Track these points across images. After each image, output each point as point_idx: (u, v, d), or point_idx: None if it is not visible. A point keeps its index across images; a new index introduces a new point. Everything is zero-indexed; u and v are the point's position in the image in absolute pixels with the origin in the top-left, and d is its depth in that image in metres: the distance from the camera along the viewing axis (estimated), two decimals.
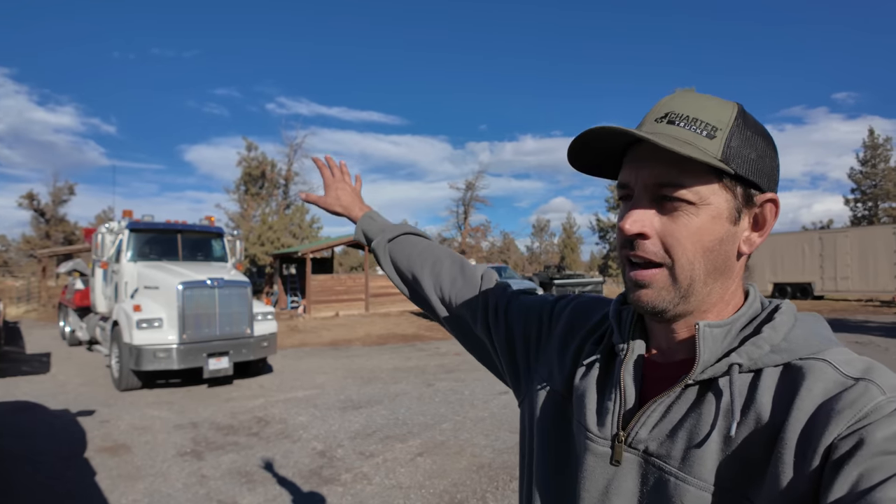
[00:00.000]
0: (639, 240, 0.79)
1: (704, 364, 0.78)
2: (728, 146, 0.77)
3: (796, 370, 0.74)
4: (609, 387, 0.90)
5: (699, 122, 0.78)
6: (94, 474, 5.45)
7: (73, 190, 46.00)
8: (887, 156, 46.11)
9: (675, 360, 0.86)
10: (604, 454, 0.85)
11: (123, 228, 10.70)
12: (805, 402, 0.69)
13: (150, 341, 8.85)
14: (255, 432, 6.81)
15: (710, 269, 0.80)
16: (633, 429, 0.83)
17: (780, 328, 0.78)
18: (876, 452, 0.62)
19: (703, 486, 0.73)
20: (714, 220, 0.78)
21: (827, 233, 27.86)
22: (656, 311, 0.81)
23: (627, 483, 0.82)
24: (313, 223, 38.07)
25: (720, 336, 0.79)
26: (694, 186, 0.77)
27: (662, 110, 0.81)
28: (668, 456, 0.77)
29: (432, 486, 5.04)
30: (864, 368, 0.71)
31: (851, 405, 0.66)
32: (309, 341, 16.08)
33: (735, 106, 0.81)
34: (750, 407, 0.73)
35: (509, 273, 20.53)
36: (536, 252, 68.83)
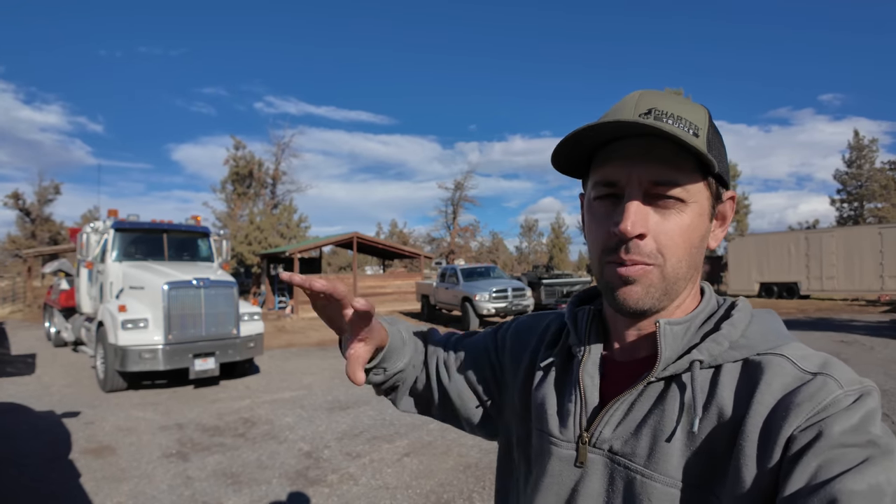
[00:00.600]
0: (635, 240, 0.77)
1: (666, 361, 0.79)
2: (710, 145, 0.79)
3: (755, 365, 0.75)
4: (568, 389, 0.90)
5: (684, 120, 0.78)
6: (78, 476, 5.40)
7: (59, 189, 45.62)
8: (872, 157, 46.54)
9: (636, 357, 0.87)
10: (568, 457, 0.85)
11: (108, 228, 10.59)
12: (765, 397, 0.70)
13: (135, 342, 8.78)
14: (241, 433, 6.78)
15: (691, 266, 0.81)
16: (597, 428, 0.82)
17: (739, 325, 0.79)
18: (834, 445, 0.63)
19: (669, 483, 0.73)
20: (699, 218, 0.80)
21: (813, 233, 28.05)
22: (643, 309, 0.80)
23: (594, 484, 0.81)
24: (301, 223, 37.97)
25: (681, 333, 0.80)
26: (686, 184, 0.77)
27: (644, 106, 0.79)
28: (634, 454, 0.77)
29: (419, 487, 5.03)
30: (820, 363, 0.73)
31: (810, 398, 0.67)
32: (296, 342, 16.03)
33: (705, 108, 0.83)
34: (712, 402, 0.74)
35: (498, 273, 20.48)
36: (525, 252, 68.96)
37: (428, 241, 50.93)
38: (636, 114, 0.79)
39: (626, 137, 0.79)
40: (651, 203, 0.78)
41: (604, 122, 0.74)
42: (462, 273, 19.40)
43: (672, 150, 0.75)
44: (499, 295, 17.53)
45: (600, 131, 0.77)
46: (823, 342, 12.17)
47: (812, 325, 15.54)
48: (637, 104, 0.80)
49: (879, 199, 45.47)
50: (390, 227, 63.00)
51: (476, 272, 19.86)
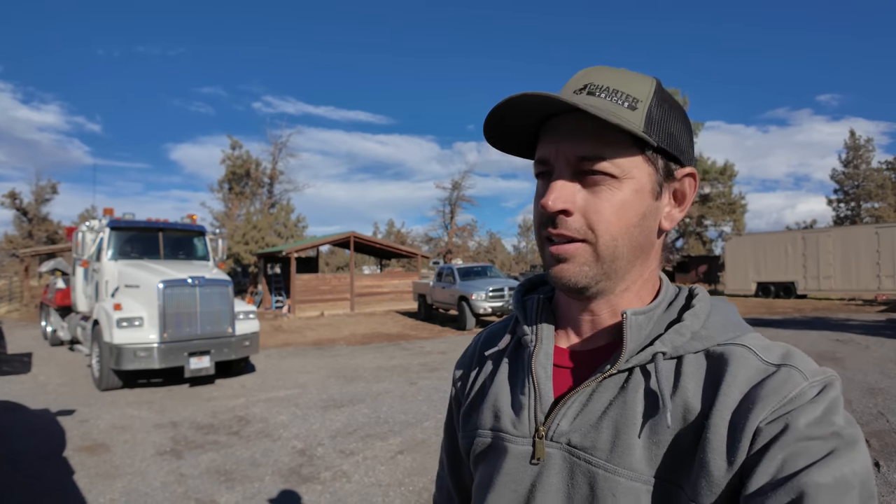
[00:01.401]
0: (561, 216, 0.76)
1: (630, 353, 0.76)
2: (650, 118, 0.75)
3: (718, 357, 0.74)
4: (520, 382, 0.87)
5: (620, 93, 0.76)
6: (72, 473, 5.40)
7: (56, 189, 45.56)
8: (869, 157, 46.67)
9: (592, 347, 0.84)
10: (524, 453, 0.81)
11: (104, 227, 10.58)
12: (731, 389, 0.69)
13: (130, 340, 8.77)
14: (235, 431, 6.78)
15: (633, 246, 0.78)
16: (553, 421, 0.79)
17: (700, 315, 0.78)
18: (799, 437, 0.63)
19: (633, 477, 0.72)
20: (637, 195, 0.77)
21: (810, 232, 28.09)
22: (578, 287, 0.78)
23: (552, 480, 0.78)
24: (298, 222, 37.96)
25: (644, 323, 0.78)
26: (616, 159, 0.75)
27: (581, 82, 0.78)
28: (595, 447, 0.75)
29: (412, 484, 5.03)
30: (782, 354, 0.72)
31: (776, 391, 0.67)
32: (293, 341, 16.02)
33: (653, 80, 0.80)
34: (676, 395, 0.73)
35: (494, 272, 20.48)
36: (523, 252, 69.04)
37: (425, 240, 50.93)
38: (573, 90, 0.78)
39: (559, 114, 0.78)
40: (580, 179, 0.76)
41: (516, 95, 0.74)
42: (459, 272, 19.39)
43: (600, 124, 0.72)
44: (495, 294, 17.53)
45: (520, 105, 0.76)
46: (820, 341, 12.20)
47: (808, 324, 15.54)
48: (578, 80, 0.79)
49: (876, 198, 45.60)
50: (387, 227, 63.00)
51: (473, 271, 19.85)
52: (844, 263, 25.77)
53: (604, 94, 0.76)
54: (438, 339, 15.87)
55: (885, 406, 6.71)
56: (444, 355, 12.60)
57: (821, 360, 0.85)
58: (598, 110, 0.71)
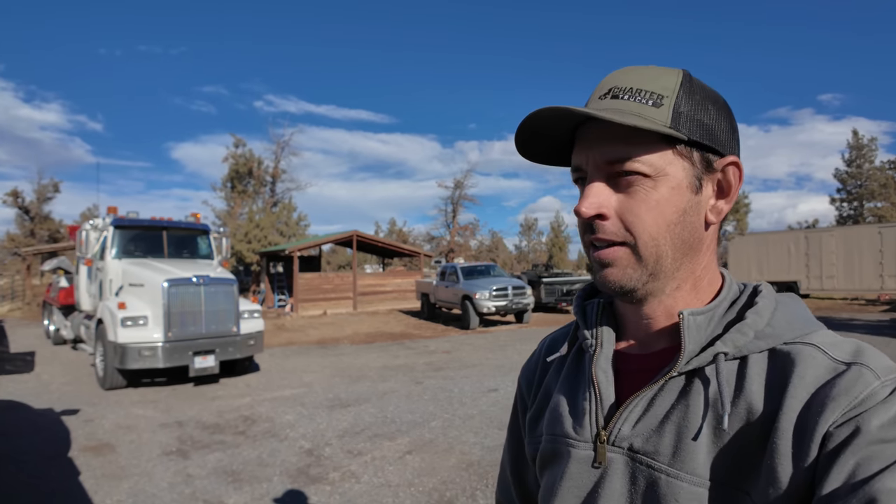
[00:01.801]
0: (597, 221, 0.76)
1: (689, 354, 0.74)
2: (677, 112, 0.74)
3: (784, 356, 0.71)
4: (582, 387, 0.86)
5: (643, 92, 0.75)
6: (78, 474, 5.37)
7: (58, 188, 45.52)
8: (872, 156, 46.55)
9: (653, 350, 0.82)
10: (586, 457, 0.81)
11: (108, 225, 10.56)
12: (798, 390, 0.67)
13: (134, 339, 8.74)
14: (241, 431, 6.74)
15: (676, 244, 0.76)
16: (615, 426, 0.78)
17: (764, 313, 0.75)
18: (872, 441, 0.60)
19: (696, 482, 0.70)
20: (673, 191, 0.75)
21: (812, 232, 28.03)
22: (625, 290, 0.78)
23: (614, 484, 0.77)
24: (300, 221, 37.94)
25: (704, 323, 0.76)
26: (646, 158, 0.74)
27: (605, 87, 0.78)
28: (657, 452, 0.74)
29: (421, 485, 5.00)
30: (853, 351, 0.69)
31: (846, 392, 0.64)
32: (296, 340, 16.00)
33: (680, 72, 0.78)
34: (740, 396, 0.70)
35: (498, 271, 20.45)
36: (525, 251, 68.94)
37: (427, 239, 50.90)
38: (598, 95, 0.78)
39: (587, 122, 0.78)
40: (614, 182, 0.76)
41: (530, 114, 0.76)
42: (462, 271, 19.38)
43: (625, 126, 0.72)
44: (499, 293, 17.52)
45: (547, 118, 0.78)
46: None
47: None
48: (603, 85, 0.79)
49: (879, 198, 45.49)
50: (389, 226, 62.96)
51: (476, 270, 19.84)
52: (847, 263, 25.70)
53: (627, 95, 0.76)
54: (442, 339, 15.84)
55: None
56: (448, 354, 12.58)
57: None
58: (613, 114, 0.71)
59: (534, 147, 0.85)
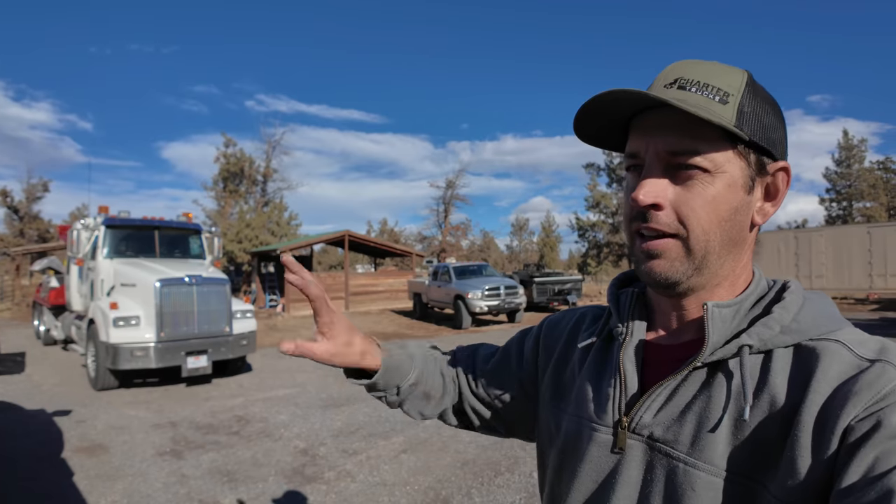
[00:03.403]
0: (652, 211, 0.76)
1: (713, 346, 0.75)
2: (741, 112, 0.75)
3: (809, 351, 0.72)
4: (608, 373, 0.88)
5: (711, 87, 0.75)
6: (71, 475, 5.34)
7: (48, 187, 45.37)
8: (861, 156, 46.86)
9: (680, 341, 0.84)
10: (606, 442, 0.83)
11: (99, 225, 10.49)
12: (821, 385, 0.68)
13: (126, 340, 8.69)
14: (235, 431, 6.73)
15: (724, 241, 0.77)
16: (637, 413, 0.80)
17: (790, 308, 0.76)
18: (893, 435, 0.61)
19: (714, 472, 0.71)
20: (729, 189, 0.76)
21: (802, 232, 28.16)
22: (669, 282, 0.78)
23: (632, 471, 0.79)
24: (291, 220, 37.85)
25: (729, 316, 0.77)
26: (709, 153, 0.74)
27: (671, 76, 0.78)
28: (676, 441, 0.75)
29: (417, 483, 5.00)
30: (878, 349, 0.70)
31: (869, 387, 0.65)
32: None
33: (745, 73, 0.79)
34: (763, 389, 0.71)
35: (490, 271, 20.48)
36: (516, 251, 69.09)
37: (419, 239, 50.91)
38: (664, 83, 0.78)
39: (648, 109, 0.78)
40: (672, 174, 0.76)
41: (602, 93, 0.76)
42: (454, 271, 19.39)
43: (692, 118, 0.72)
44: (491, 293, 17.54)
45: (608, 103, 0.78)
46: None
47: None
48: (668, 74, 0.79)
49: (868, 198, 45.80)
50: (381, 226, 62.93)
51: (468, 270, 19.86)
52: (837, 262, 25.84)
53: (694, 87, 0.76)
54: (435, 338, 15.82)
55: None
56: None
57: None
58: (688, 105, 0.71)
59: (587, 127, 0.85)
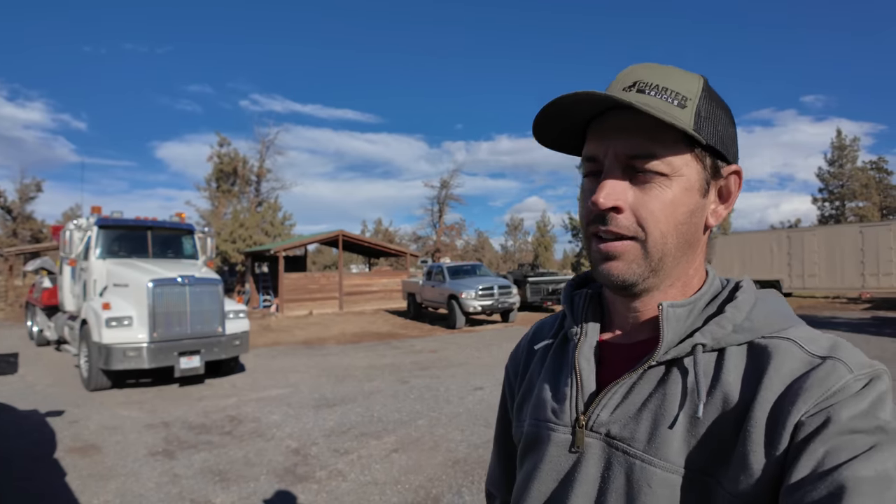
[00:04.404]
0: (612, 213, 0.77)
1: (668, 344, 0.77)
2: (698, 116, 0.76)
3: (761, 349, 0.73)
4: (565, 373, 0.89)
5: (669, 90, 0.76)
6: (64, 475, 5.35)
7: (41, 187, 45.19)
8: (854, 156, 47.06)
9: (635, 340, 0.85)
10: (564, 441, 0.83)
11: (92, 225, 10.48)
12: (773, 382, 0.69)
13: (119, 340, 8.70)
14: (227, 431, 6.74)
15: (680, 243, 0.78)
16: (594, 412, 0.81)
17: (743, 307, 0.77)
18: (842, 431, 0.62)
19: (670, 469, 0.72)
20: (686, 192, 0.77)
21: (795, 231, 28.28)
22: (626, 283, 0.79)
23: (590, 469, 0.79)
24: (285, 220, 37.79)
25: (683, 315, 0.78)
26: (667, 157, 0.75)
27: (629, 79, 0.79)
28: (633, 439, 0.76)
29: (408, 482, 5.03)
30: (829, 346, 0.71)
31: (819, 383, 0.66)
32: (282, 340, 15.96)
33: (701, 78, 0.81)
34: (716, 387, 0.73)
35: (484, 271, 20.50)
36: (511, 250, 69.06)
37: (413, 239, 50.92)
38: (623, 87, 0.78)
39: (607, 112, 0.78)
40: (631, 177, 0.77)
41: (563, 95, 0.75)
42: (448, 271, 19.41)
43: (651, 122, 0.73)
44: (485, 293, 17.57)
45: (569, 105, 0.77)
46: None
47: None
48: (626, 78, 0.79)
49: (860, 198, 46.00)
50: (375, 226, 62.85)
51: (462, 270, 19.88)
52: (829, 262, 25.93)
53: (654, 91, 0.76)
54: (429, 338, 15.87)
55: None
56: (435, 354, 12.60)
57: None
58: (655, 109, 0.71)
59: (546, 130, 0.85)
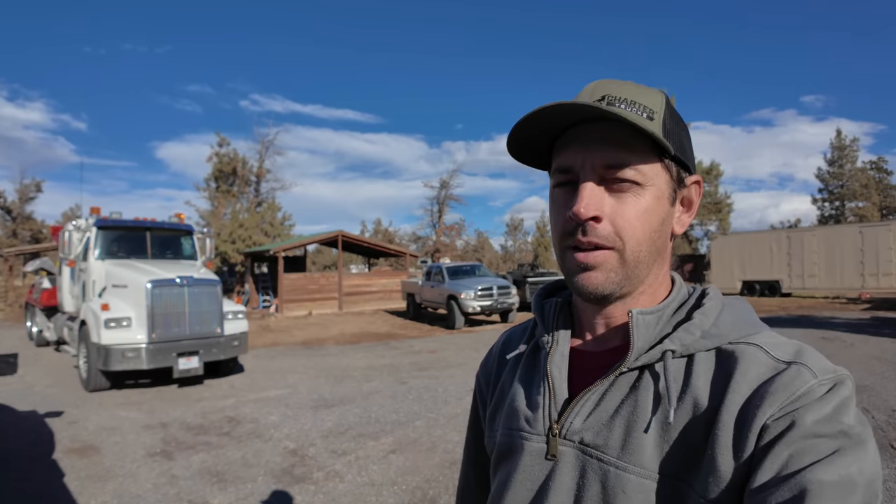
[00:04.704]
0: (591, 223, 0.77)
1: (638, 351, 0.78)
2: (665, 128, 0.78)
3: (728, 354, 0.75)
4: (536, 382, 0.90)
5: (638, 104, 0.78)
6: (62, 476, 5.36)
7: (41, 187, 45.23)
8: (854, 156, 47.14)
9: (606, 348, 0.86)
10: (538, 450, 0.84)
11: (91, 226, 10.48)
12: (740, 386, 0.70)
13: (118, 341, 8.71)
14: (226, 432, 6.75)
15: (652, 251, 0.80)
16: (567, 420, 0.81)
17: (710, 313, 0.79)
18: (806, 435, 0.64)
19: (644, 474, 0.73)
20: (658, 201, 0.79)
21: (794, 232, 28.34)
22: (604, 294, 0.79)
23: (565, 477, 0.80)
24: (285, 221, 37.81)
25: (653, 322, 0.80)
26: (640, 166, 0.77)
27: (597, 94, 0.79)
28: (606, 445, 0.76)
29: (405, 483, 5.04)
30: (794, 352, 0.73)
31: (784, 388, 0.67)
32: (281, 341, 15.97)
33: (663, 93, 0.82)
34: (686, 392, 0.74)
35: (483, 271, 20.51)
36: (510, 251, 69.12)
37: (413, 239, 50.94)
38: (591, 100, 0.78)
39: (580, 124, 0.79)
40: (607, 187, 0.78)
41: (549, 105, 0.75)
42: (447, 271, 19.41)
43: (625, 133, 0.75)
44: (484, 293, 17.57)
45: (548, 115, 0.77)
46: (805, 339, 12.07)
47: (794, 322, 15.65)
48: (592, 92, 0.80)
49: (860, 198, 46.07)
50: (375, 226, 62.86)
51: (461, 270, 19.88)
52: (829, 262, 25.99)
53: (623, 104, 0.77)
54: (428, 339, 15.87)
55: (871, 403, 6.79)
56: (434, 354, 12.61)
57: None
58: (636, 119, 0.72)
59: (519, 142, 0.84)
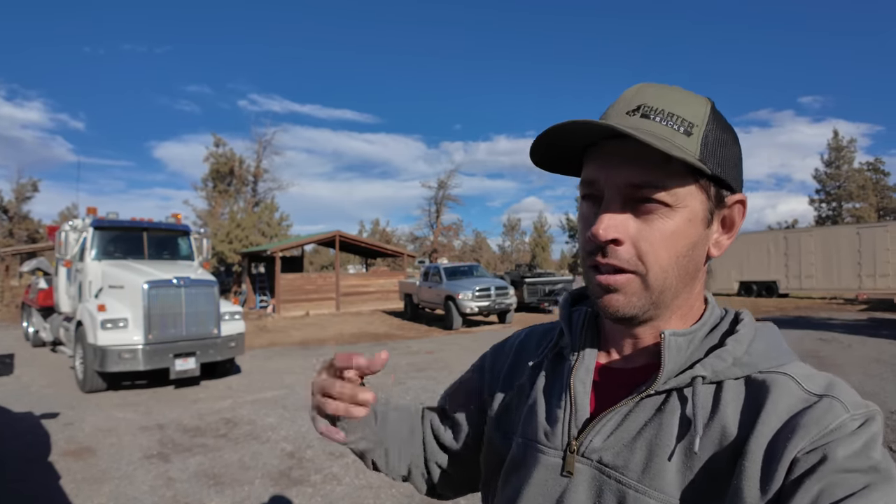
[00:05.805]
0: (611, 245, 0.74)
1: (668, 374, 0.75)
2: (705, 143, 0.73)
3: (759, 384, 0.72)
4: (557, 394, 0.86)
5: (675, 117, 0.73)
6: (58, 477, 5.33)
7: (38, 187, 45.16)
8: (851, 157, 47.23)
9: (633, 366, 0.83)
10: (554, 465, 0.81)
11: (87, 226, 10.44)
12: (770, 417, 0.68)
13: (114, 342, 8.67)
14: (222, 434, 6.73)
15: (681, 275, 0.76)
16: (587, 437, 0.79)
17: (743, 341, 0.76)
18: (838, 469, 0.62)
19: (665, 500, 0.71)
20: (689, 224, 0.75)
21: (792, 232, 28.42)
22: (626, 317, 0.77)
23: (580, 496, 0.77)
24: (282, 221, 37.78)
25: (684, 345, 0.77)
26: (671, 188, 0.73)
27: (634, 102, 0.76)
28: (626, 467, 0.74)
29: (402, 486, 5.01)
30: (825, 384, 0.70)
31: (816, 422, 0.65)
32: (278, 341, 15.94)
33: (708, 101, 0.77)
34: (713, 420, 0.72)
35: (481, 271, 20.51)
36: (508, 251, 69.17)
37: (411, 239, 51.02)
38: (626, 110, 0.75)
39: (611, 137, 0.74)
40: (632, 207, 0.74)
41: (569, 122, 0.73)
42: (445, 272, 19.41)
43: (656, 151, 0.69)
44: (482, 293, 17.57)
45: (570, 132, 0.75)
46: (803, 340, 12.32)
47: (791, 323, 15.62)
48: (631, 99, 0.76)
49: (857, 199, 46.17)
50: (373, 226, 62.83)
51: (459, 271, 19.88)
52: (826, 263, 26.05)
53: (658, 117, 0.74)
54: (426, 339, 15.86)
55: None
56: (431, 355, 12.60)
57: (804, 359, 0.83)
58: (659, 140, 0.69)
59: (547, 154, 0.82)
